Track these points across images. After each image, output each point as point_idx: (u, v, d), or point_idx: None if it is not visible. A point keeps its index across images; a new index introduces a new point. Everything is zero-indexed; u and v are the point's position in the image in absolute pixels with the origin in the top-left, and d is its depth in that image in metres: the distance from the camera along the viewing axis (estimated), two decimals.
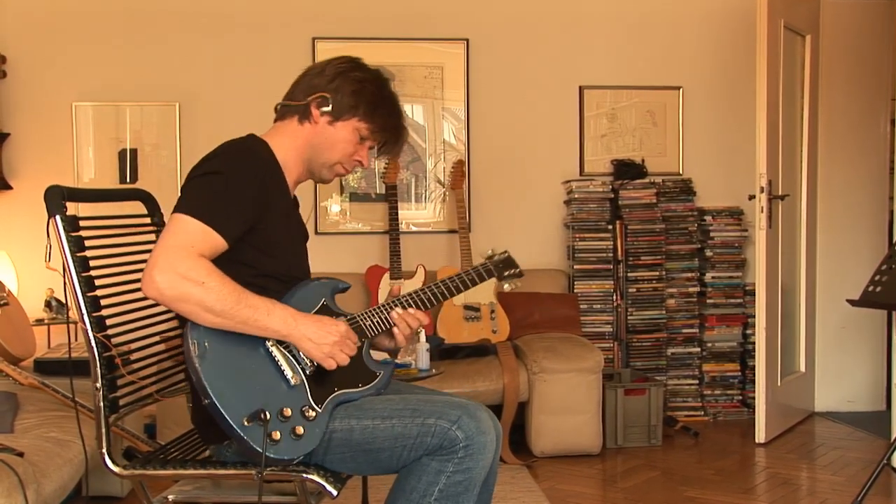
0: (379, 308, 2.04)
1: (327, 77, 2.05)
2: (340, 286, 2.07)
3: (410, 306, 2.07)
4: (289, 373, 1.88)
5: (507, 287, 2.25)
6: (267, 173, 1.96)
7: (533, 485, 3.52)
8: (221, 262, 1.87)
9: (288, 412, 1.84)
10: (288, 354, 1.90)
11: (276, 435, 1.81)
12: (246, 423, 1.79)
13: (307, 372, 1.91)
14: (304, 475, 1.87)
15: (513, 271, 2.25)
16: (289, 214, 2.05)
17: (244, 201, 1.89)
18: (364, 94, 2.04)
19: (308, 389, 1.89)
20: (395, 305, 2.06)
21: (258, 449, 1.77)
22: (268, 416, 1.80)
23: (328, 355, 1.89)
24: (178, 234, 1.83)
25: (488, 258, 2.25)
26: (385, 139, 2.11)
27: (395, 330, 2.04)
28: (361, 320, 2.01)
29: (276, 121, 2.12)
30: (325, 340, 1.88)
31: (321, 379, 1.92)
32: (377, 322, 2.03)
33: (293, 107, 2.07)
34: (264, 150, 2.02)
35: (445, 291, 2.12)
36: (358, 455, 1.88)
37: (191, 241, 1.82)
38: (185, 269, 1.79)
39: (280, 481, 1.93)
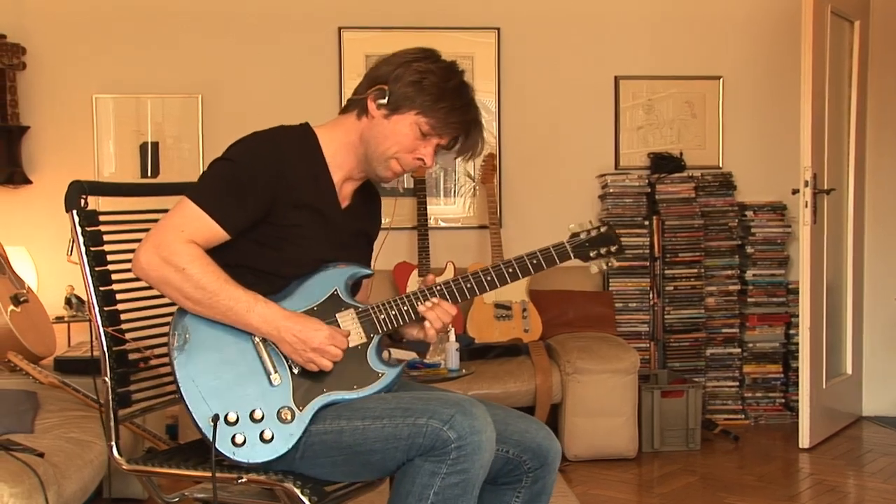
0: (401, 299, 1.93)
1: (391, 66, 1.93)
2: (359, 273, 1.98)
3: (444, 297, 1.94)
4: (272, 371, 1.85)
5: (594, 269, 1.98)
6: (288, 166, 1.89)
7: (566, 489, 3.46)
8: (228, 251, 1.89)
9: (258, 415, 1.82)
10: (276, 351, 1.87)
11: (240, 438, 1.80)
12: (210, 423, 1.80)
13: (294, 371, 1.87)
14: (280, 483, 1.82)
15: (606, 249, 1.97)
16: (319, 210, 1.95)
17: (249, 192, 1.86)
18: (424, 86, 1.89)
19: (292, 389, 1.85)
20: (425, 295, 1.94)
21: (220, 450, 1.79)
22: (236, 417, 1.81)
23: (307, 360, 1.84)
24: (173, 217, 1.85)
25: (574, 234, 1.97)
26: (451, 135, 1.95)
27: (426, 323, 1.94)
28: (375, 314, 1.92)
29: (341, 112, 2.03)
30: (305, 346, 1.83)
31: (310, 377, 1.86)
32: (394, 315, 1.92)
33: (355, 101, 1.98)
34: (303, 141, 1.96)
35: (496, 279, 1.94)
36: (350, 458, 1.82)
37: (183, 224, 1.83)
38: (168, 253, 1.80)
39: (265, 487, 1.91)
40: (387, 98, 1.91)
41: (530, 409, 3.81)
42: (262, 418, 1.81)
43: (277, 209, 1.89)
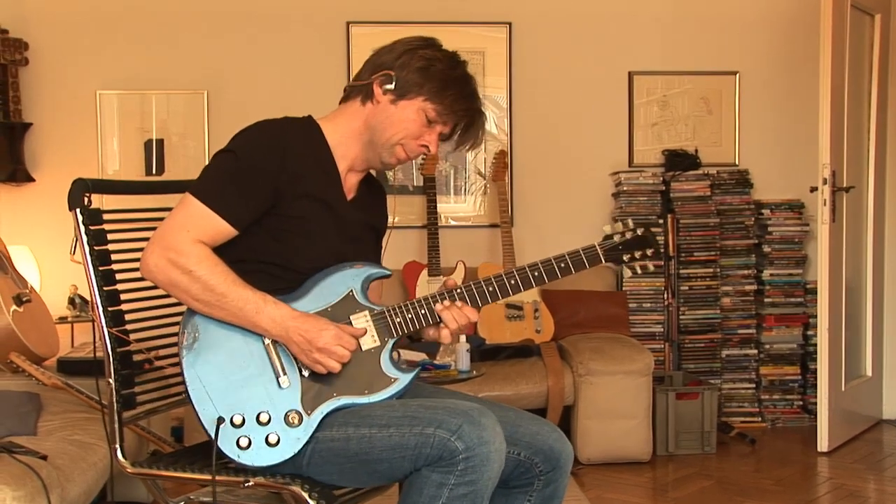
0: (418, 302, 1.91)
1: (395, 54, 1.94)
2: (375, 274, 1.95)
3: (464, 300, 1.90)
4: (281, 374, 1.83)
5: (628, 273, 1.99)
6: (292, 155, 1.89)
7: (579, 493, 3.43)
8: (236, 247, 1.88)
9: (265, 417, 1.80)
10: (287, 353, 1.86)
11: (244, 441, 1.79)
12: (215, 424, 1.79)
13: (304, 374, 1.85)
14: (288, 487, 1.81)
15: (641, 252, 1.94)
16: (325, 201, 1.94)
17: (253, 184, 1.86)
18: (432, 72, 1.91)
19: (301, 393, 1.83)
20: (443, 297, 1.90)
21: (224, 452, 1.79)
22: (242, 420, 1.79)
23: (315, 361, 1.82)
24: (177, 215, 1.85)
25: (606, 236, 1.95)
26: (456, 122, 1.96)
27: (442, 325, 1.91)
28: (390, 316, 1.89)
29: (341, 102, 2.03)
30: (311, 345, 1.81)
31: (321, 381, 1.84)
32: (410, 319, 1.89)
33: (358, 87, 1.98)
34: (307, 131, 1.96)
35: (521, 283, 1.91)
36: (357, 466, 1.80)
37: (189, 223, 1.83)
38: (175, 255, 1.80)
39: (272, 491, 1.90)
40: (394, 83, 1.91)
41: (542, 411, 3.78)
42: (269, 421, 1.79)
43: (283, 200, 1.88)
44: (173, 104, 4.46)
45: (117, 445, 1.96)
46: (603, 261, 1.93)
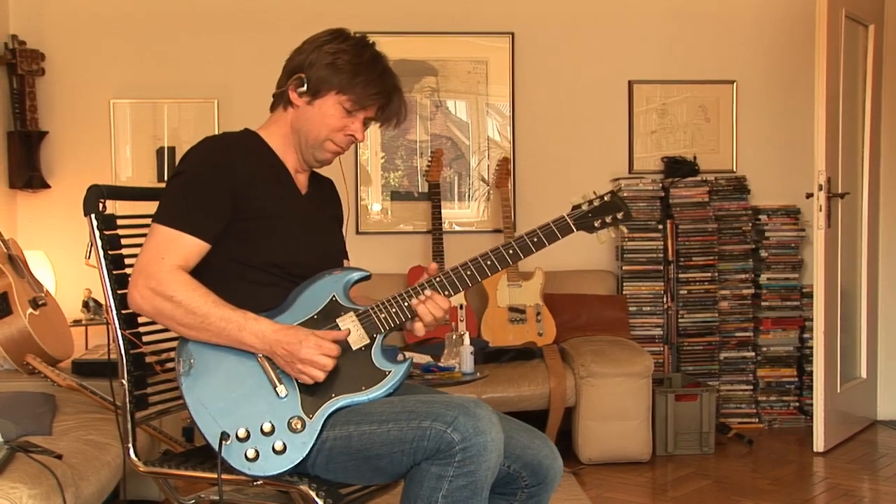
0: (400, 296, 1.93)
1: (304, 55, 1.99)
2: (355, 278, 1.97)
3: (446, 289, 1.93)
4: (277, 384, 1.84)
5: (602, 239, 1.94)
6: (240, 161, 1.93)
7: (580, 492, 3.45)
8: (216, 260, 1.90)
9: (268, 427, 1.82)
10: (277, 366, 1.87)
11: (251, 453, 1.81)
12: (220, 438, 1.81)
13: (299, 381, 1.86)
14: (295, 486, 1.83)
15: (612, 217, 1.95)
16: (283, 199, 2.00)
17: (210, 196, 1.88)
18: (339, 65, 1.94)
19: (300, 399, 1.85)
20: (423, 288, 1.92)
21: (234, 466, 1.81)
22: (246, 433, 1.81)
23: (299, 372, 1.83)
24: (150, 246, 1.86)
25: (575, 206, 1.95)
26: (374, 105, 1.99)
27: (416, 318, 1.93)
28: (375, 313, 1.91)
29: (270, 111, 2.09)
30: (294, 357, 1.82)
31: (317, 385, 1.85)
32: (395, 313, 1.91)
33: (278, 95, 2.04)
34: (247, 141, 2.00)
35: (497, 262, 1.93)
36: (360, 463, 1.82)
37: (163, 251, 1.84)
38: (155, 283, 1.82)
39: (280, 490, 1.92)
40: (306, 85, 1.95)
41: (544, 412, 3.80)
42: (273, 430, 1.81)
43: (242, 204, 1.91)
44: (184, 112, 4.49)
45: (130, 445, 2.00)
46: (574, 230, 1.95)
